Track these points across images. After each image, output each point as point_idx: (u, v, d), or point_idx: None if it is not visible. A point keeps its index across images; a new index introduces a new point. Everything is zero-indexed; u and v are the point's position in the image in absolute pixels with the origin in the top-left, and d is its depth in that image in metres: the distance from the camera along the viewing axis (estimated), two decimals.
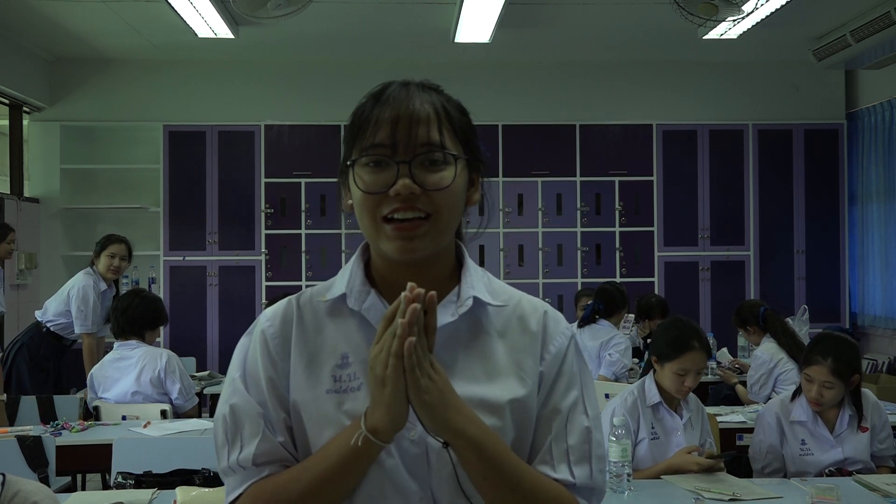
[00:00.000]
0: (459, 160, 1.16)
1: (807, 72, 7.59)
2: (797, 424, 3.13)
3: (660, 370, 3.03)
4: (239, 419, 1.15)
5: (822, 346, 3.08)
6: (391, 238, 1.14)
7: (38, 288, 7.10)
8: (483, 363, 1.18)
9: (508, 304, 1.23)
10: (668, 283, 7.54)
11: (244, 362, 1.19)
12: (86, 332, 5.04)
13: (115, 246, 5.13)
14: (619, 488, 2.68)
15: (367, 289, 1.19)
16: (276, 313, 1.21)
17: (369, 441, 1.06)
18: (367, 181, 1.14)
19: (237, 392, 1.17)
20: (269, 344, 1.18)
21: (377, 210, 1.14)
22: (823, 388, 3.03)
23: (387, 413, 1.05)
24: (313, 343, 1.18)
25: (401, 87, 1.18)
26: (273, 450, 1.14)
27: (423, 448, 1.12)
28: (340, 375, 1.15)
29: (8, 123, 7.21)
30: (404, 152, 1.13)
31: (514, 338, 1.20)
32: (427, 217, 1.13)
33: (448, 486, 1.12)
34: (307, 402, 1.15)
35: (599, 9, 6.12)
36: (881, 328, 7.26)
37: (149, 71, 7.42)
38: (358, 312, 1.18)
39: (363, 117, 1.16)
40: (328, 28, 6.54)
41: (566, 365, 1.21)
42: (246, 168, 7.39)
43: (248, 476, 1.13)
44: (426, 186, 1.13)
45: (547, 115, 7.54)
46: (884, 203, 7.25)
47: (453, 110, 1.19)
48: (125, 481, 2.95)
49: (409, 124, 1.13)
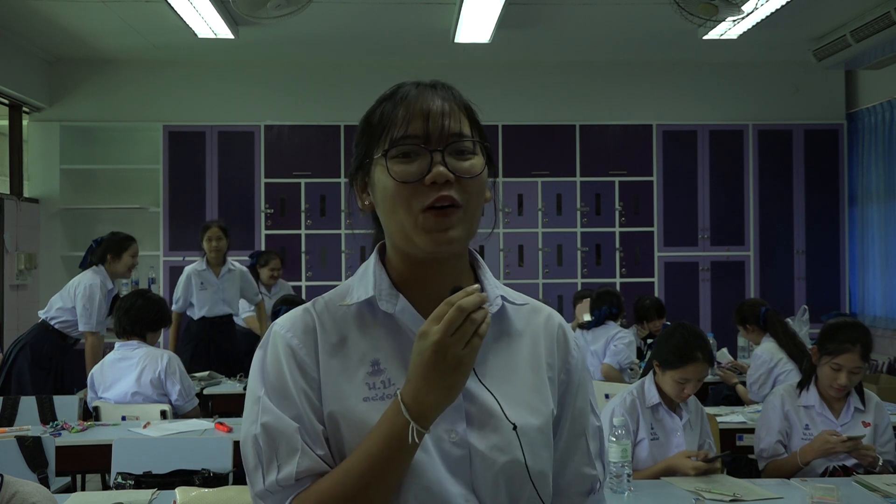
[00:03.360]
0: (484, 150, 1.18)
1: (807, 72, 7.59)
2: (802, 409, 3.14)
3: (661, 374, 3.03)
4: (273, 438, 1.10)
5: (847, 334, 3.09)
6: (428, 230, 1.12)
7: (37, 288, 7.10)
8: (510, 364, 1.20)
9: (527, 304, 1.27)
10: (668, 283, 7.54)
11: (266, 378, 1.14)
12: (90, 331, 5.05)
13: (135, 246, 5.28)
14: (619, 489, 2.68)
15: (395, 292, 1.18)
16: (295, 322, 1.17)
17: (416, 431, 1.04)
18: (399, 171, 1.13)
19: (267, 410, 1.11)
20: (296, 355, 1.14)
21: (413, 201, 1.12)
22: (852, 374, 3.06)
23: (447, 397, 1.05)
24: (339, 351, 1.15)
25: (420, 85, 1.18)
26: (314, 465, 1.10)
27: (465, 450, 1.12)
28: (374, 383, 1.13)
29: (7, 124, 7.21)
30: (437, 142, 1.13)
31: (537, 338, 1.23)
32: (459, 206, 1.13)
33: (492, 487, 1.12)
34: (344, 413, 1.12)
35: (599, 9, 6.12)
36: (881, 328, 7.25)
37: (149, 71, 7.42)
38: (383, 317, 1.17)
39: (385, 115, 1.16)
40: (328, 28, 6.54)
41: (584, 372, 1.27)
42: (246, 168, 7.39)
43: (287, 494, 1.09)
44: (460, 174, 1.13)
45: (547, 115, 7.54)
46: (884, 203, 7.25)
47: (472, 107, 1.22)
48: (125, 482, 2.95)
49: (441, 115, 1.14)
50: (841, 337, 3.09)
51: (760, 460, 3.17)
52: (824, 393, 3.14)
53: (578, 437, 1.23)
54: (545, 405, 1.19)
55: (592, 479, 1.24)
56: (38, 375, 4.96)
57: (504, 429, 1.12)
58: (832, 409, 3.13)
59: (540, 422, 1.17)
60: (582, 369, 1.26)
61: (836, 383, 3.07)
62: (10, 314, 6.66)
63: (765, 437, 3.16)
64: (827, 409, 3.13)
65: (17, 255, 6.79)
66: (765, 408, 3.25)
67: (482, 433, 1.13)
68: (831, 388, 3.09)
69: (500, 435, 1.12)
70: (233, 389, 4.88)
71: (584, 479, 1.23)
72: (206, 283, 5.65)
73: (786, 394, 3.20)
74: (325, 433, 1.12)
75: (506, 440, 1.12)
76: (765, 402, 3.30)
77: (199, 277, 5.66)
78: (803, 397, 3.16)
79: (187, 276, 5.68)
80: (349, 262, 7.23)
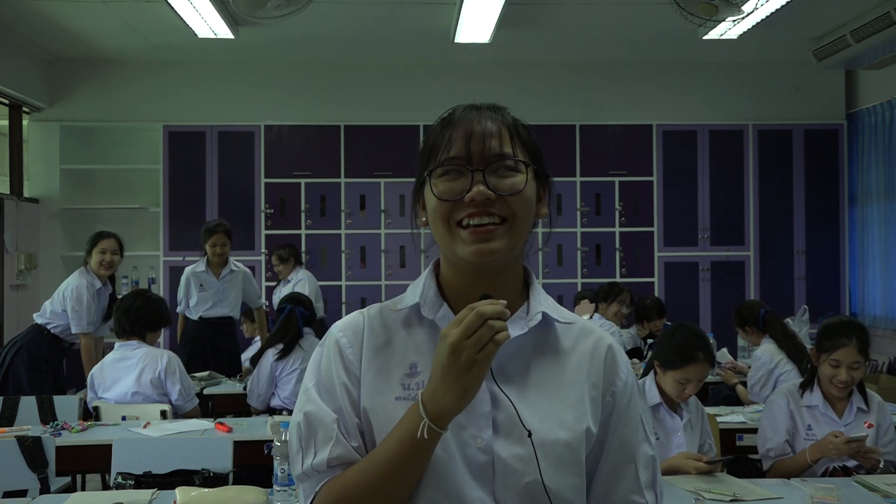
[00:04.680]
0: (530, 168, 1.22)
1: (807, 72, 7.59)
2: (806, 409, 3.15)
3: (661, 374, 3.03)
4: (313, 426, 1.19)
5: (843, 330, 3.12)
6: (467, 242, 1.18)
7: (37, 288, 7.10)
8: (550, 380, 1.21)
9: (575, 323, 1.28)
10: (668, 283, 7.54)
11: (318, 372, 1.24)
12: (82, 332, 5.03)
13: (105, 241, 5.12)
14: None
15: (439, 300, 1.24)
16: (349, 324, 1.26)
17: (432, 429, 1.08)
18: (441, 189, 1.20)
19: (311, 400, 1.21)
20: (342, 353, 1.23)
21: (451, 216, 1.19)
22: (851, 369, 3.07)
23: (461, 399, 1.08)
24: (383, 352, 1.23)
25: (469, 108, 1.25)
26: (346, 454, 1.17)
27: (489, 455, 1.15)
28: (409, 384, 1.19)
29: (8, 124, 7.21)
30: (478, 162, 1.19)
31: (582, 358, 1.24)
32: (503, 222, 1.18)
33: (514, 494, 1.14)
34: (377, 409, 1.18)
35: (599, 9, 6.12)
36: (881, 328, 7.25)
37: (148, 71, 7.42)
38: (428, 323, 1.23)
39: (435, 138, 1.23)
40: (328, 28, 6.54)
41: (634, 397, 1.27)
42: (246, 168, 7.39)
43: (321, 478, 1.17)
44: (501, 192, 1.18)
45: (547, 115, 7.53)
46: (884, 203, 7.25)
47: (521, 128, 1.26)
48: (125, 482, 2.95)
49: (482, 138, 1.20)
50: (837, 333, 3.11)
51: (766, 460, 3.17)
52: (827, 393, 3.14)
53: (627, 464, 1.23)
54: (578, 422, 1.19)
55: None
56: (35, 378, 4.95)
57: (529, 441, 1.15)
58: (835, 409, 3.14)
59: (569, 437, 1.17)
60: (631, 394, 1.26)
61: (836, 380, 3.08)
62: (10, 314, 6.66)
63: (772, 436, 3.15)
64: (830, 409, 3.13)
65: (17, 255, 6.79)
66: (769, 408, 3.25)
67: (507, 442, 1.16)
68: (833, 385, 3.10)
69: (525, 446, 1.15)
70: (233, 389, 4.87)
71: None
72: (206, 284, 5.57)
73: (789, 394, 3.20)
74: (361, 427, 1.19)
75: (530, 452, 1.14)
76: (768, 402, 3.30)
77: (197, 279, 5.58)
78: (806, 398, 3.16)
79: (186, 278, 5.62)
80: (349, 262, 7.23)
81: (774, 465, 3.12)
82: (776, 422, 3.16)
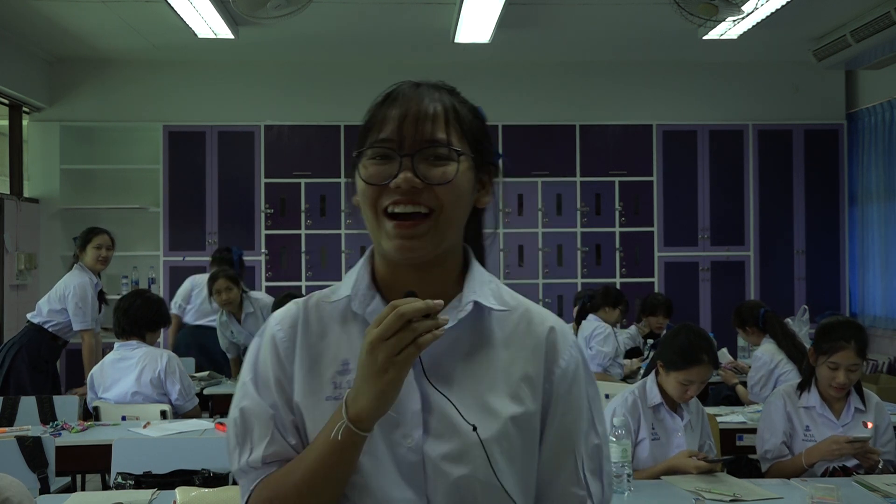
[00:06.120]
0: (464, 157, 1.15)
1: (807, 72, 7.59)
2: (803, 410, 3.14)
3: (664, 375, 3.02)
4: (249, 422, 1.16)
5: (841, 332, 3.10)
6: (391, 236, 1.13)
7: (37, 288, 7.09)
8: (484, 373, 1.15)
9: (515, 310, 1.21)
10: (668, 283, 7.53)
11: (255, 365, 1.20)
12: (85, 329, 5.03)
13: (100, 237, 5.12)
14: (619, 488, 2.68)
15: (371, 293, 1.19)
16: (286, 316, 1.21)
17: (351, 431, 1.05)
18: (370, 172, 1.14)
19: (247, 395, 1.18)
20: (278, 347, 1.19)
21: (378, 201, 1.14)
22: (850, 371, 3.06)
23: (377, 401, 1.04)
24: (316, 347, 1.18)
25: (412, 85, 1.18)
26: (282, 451, 1.14)
27: (419, 456, 1.11)
28: (340, 382, 1.15)
29: (7, 124, 7.20)
30: (409, 147, 1.13)
31: (519, 346, 1.18)
32: (429, 214, 1.12)
33: (445, 497, 1.10)
34: (308, 407, 1.15)
35: (599, 9, 6.12)
36: (881, 328, 7.25)
37: (149, 71, 7.41)
38: (361, 317, 1.17)
39: (373, 115, 1.18)
40: (328, 28, 6.53)
41: (577, 383, 1.19)
42: (246, 168, 7.39)
43: (258, 475, 1.15)
44: (430, 180, 1.12)
45: (547, 115, 7.53)
46: (884, 203, 7.25)
47: (464, 111, 1.19)
48: (125, 482, 2.95)
49: (416, 121, 1.13)
50: (835, 335, 3.10)
51: (764, 461, 3.17)
52: (825, 394, 3.14)
53: (567, 455, 1.17)
54: (512, 414, 1.14)
55: (580, 500, 1.17)
56: (36, 378, 4.96)
57: (460, 438, 1.10)
58: (833, 410, 3.14)
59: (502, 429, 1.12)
60: (573, 381, 1.18)
61: (834, 382, 3.07)
62: (10, 314, 6.66)
63: (769, 438, 3.15)
64: (828, 409, 3.13)
65: (17, 255, 6.79)
66: (767, 409, 3.25)
67: (437, 441, 1.11)
68: (831, 387, 3.09)
69: (456, 444, 1.11)
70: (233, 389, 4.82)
71: (570, 498, 1.17)
72: (235, 332, 5.31)
73: (787, 395, 3.20)
74: (296, 423, 1.16)
75: (461, 450, 1.10)
76: (766, 404, 3.30)
77: (226, 329, 5.34)
78: (804, 398, 3.16)
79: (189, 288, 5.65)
80: (349, 262, 7.22)
81: (772, 468, 3.12)
82: (773, 423, 3.16)
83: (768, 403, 3.26)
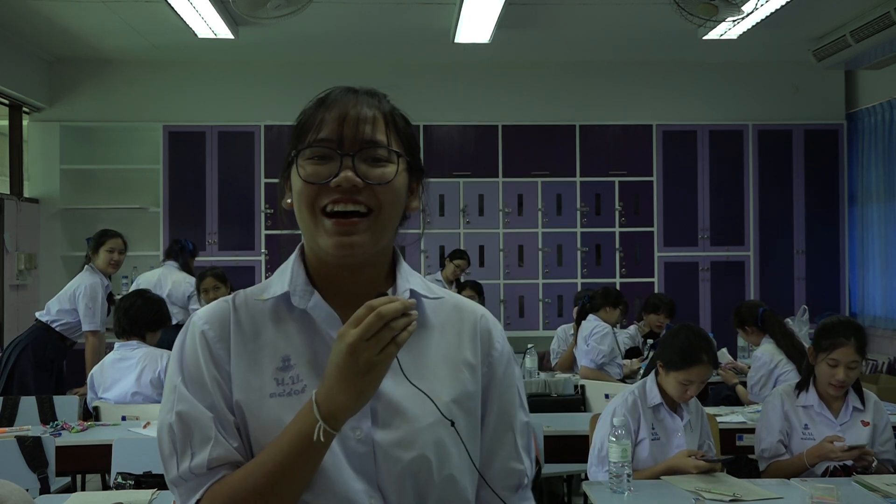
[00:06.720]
0: (402, 159, 1.18)
1: (807, 72, 7.59)
2: (801, 409, 3.15)
3: (664, 375, 3.02)
4: (188, 426, 1.12)
5: (841, 329, 3.11)
6: (329, 233, 1.14)
7: (37, 288, 7.10)
8: (426, 359, 1.19)
9: (445, 298, 1.26)
10: (668, 283, 7.53)
11: (183, 367, 1.16)
12: (93, 330, 5.05)
13: (113, 240, 5.17)
14: (619, 488, 2.68)
15: (310, 289, 1.19)
16: (213, 314, 1.19)
17: (325, 430, 1.05)
18: (308, 171, 1.15)
19: (183, 398, 1.14)
20: (210, 346, 1.16)
21: (316, 201, 1.14)
22: (849, 369, 3.07)
23: (357, 400, 1.05)
24: (252, 345, 1.17)
25: (347, 91, 1.20)
26: (227, 454, 1.11)
27: (369, 446, 1.12)
28: (283, 378, 1.14)
29: (8, 124, 7.20)
30: (349, 146, 1.14)
31: (455, 333, 1.23)
32: (368, 213, 1.14)
33: (396, 483, 1.12)
34: (251, 406, 1.13)
35: (599, 9, 6.12)
36: (881, 328, 7.25)
37: (149, 71, 7.41)
38: (299, 313, 1.18)
39: (309, 117, 1.19)
40: (328, 28, 6.54)
41: (511, 365, 1.27)
42: (246, 168, 7.39)
43: (202, 482, 1.11)
44: (369, 180, 1.14)
45: (547, 115, 7.53)
46: (884, 203, 7.25)
47: (398, 117, 1.22)
48: (125, 482, 2.95)
49: (356, 122, 1.15)
50: (835, 333, 3.11)
51: (762, 461, 3.17)
52: (823, 392, 3.15)
53: (505, 432, 1.23)
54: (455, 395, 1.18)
55: (520, 474, 1.24)
56: (40, 377, 4.98)
57: (408, 424, 1.13)
58: (831, 409, 3.14)
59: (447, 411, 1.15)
60: (507, 364, 1.26)
61: (834, 379, 3.08)
62: (10, 314, 6.66)
63: (766, 437, 3.16)
64: (826, 408, 3.13)
65: (17, 255, 6.79)
66: (765, 408, 3.26)
67: (386, 430, 1.13)
68: (830, 385, 3.10)
69: (404, 431, 1.13)
70: None
71: (511, 473, 1.24)
72: None
73: (785, 394, 3.21)
74: (237, 423, 1.14)
75: (409, 437, 1.13)
76: (764, 403, 3.31)
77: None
78: (802, 398, 3.17)
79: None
80: None
81: (771, 467, 3.12)
82: (770, 423, 3.17)
83: (766, 403, 3.27)
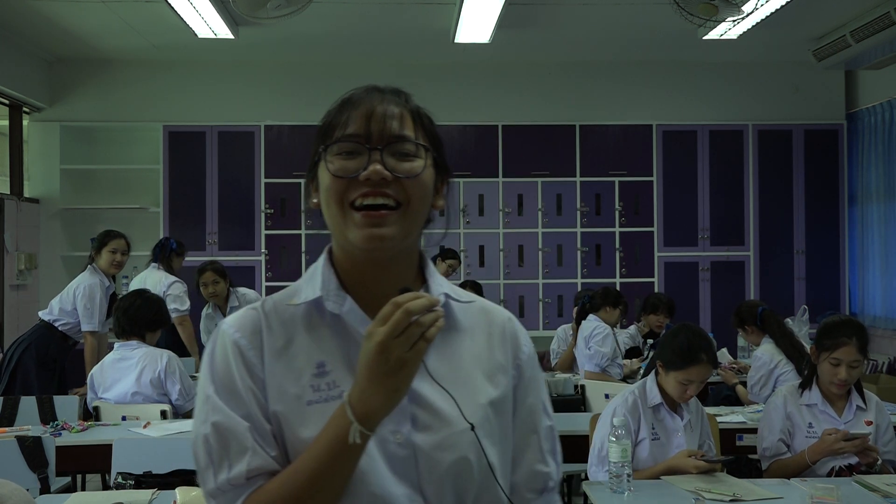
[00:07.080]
0: (430, 153, 1.18)
1: (807, 72, 7.59)
2: (805, 408, 3.16)
3: (664, 375, 3.02)
4: (224, 437, 1.10)
5: (843, 328, 3.12)
6: (359, 225, 1.13)
7: (37, 288, 7.10)
8: (459, 361, 1.19)
9: (475, 302, 1.27)
10: (668, 283, 7.53)
11: (216, 377, 1.14)
12: (91, 331, 5.06)
13: (116, 241, 5.19)
14: (619, 488, 2.68)
15: (342, 293, 1.18)
16: (244, 322, 1.18)
17: (362, 432, 1.04)
18: (337, 166, 1.15)
19: (217, 409, 1.12)
20: (243, 354, 1.14)
21: (346, 195, 1.15)
22: (851, 367, 3.08)
23: (390, 399, 1.04)
24: (286, 351, 1.15)
25: (371, 89, 1.20)
26: (265, 464, 1.10)
27: (410, 450, 1.11)
28: (319, 385, 1.13)
29: (8, 124, 7.20)
30: (377, 140, 1.14)
31: (485, 335, 1.24)
32: (397, 206, 1.14)
33: (437, 486, 1.11)
34: (289, 415, 1.12)
35: (599, 9, 6.12)
36: (881, 328, 7.25)
37: (149, 71, 7.41)
38: (330, 318, 1.17)
39: (334, 116, 1.19)
40: (328, 28, 6.54)
41: (536, 368, 1.28)
42: (246, 168, 7.39)
43: (240, 492, 1.09)
44: (398, 173, 1.14)
45: (547, 115, 7.53)
46: (884, 203, 7.25)
47: (424, 115, 1.22)
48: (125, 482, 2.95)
49: (384, 118, 1.15)
50: (837, 332, 3.12)
51: (764, 460, 3.18)
52: (826, 391, 3.15)
53: (530, 434, 1.24)
54: (491, 397, 1.19)
55: (546, 477, 1.24)
56: (43, 376, 4.98)
57: (449, 427, 1.13)
58: (834, 408, 3.15)
59: (484, 413, 1.16)
60: (533, 366, 1.27)
61: (836, 378, 3.08)
62: (10, 314, 6.66)
63: (767, 436, 3.16)
64: (829, 406, 3.15)
65: (17, 255, 6.79)
66: (767, 408, 3.26)
67: (427, 433, 1.12)
68: (832, 384, 3.10)
69: (445, 434, 1.12)
70: None
71: (537, 476, 1.24)
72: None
73: (788, 394, 3.21)
74: (274, 432, 1.12)
75: (451, 439, 1.12)
76: (767, 403, 3.31)
77: (211, 321, 5.49)
78: (805, 396, 3.18)
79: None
80: None
81: (774, 465, 3.13)
82: (772, 422, 3.17)
83: (769, 402, 3.28)
